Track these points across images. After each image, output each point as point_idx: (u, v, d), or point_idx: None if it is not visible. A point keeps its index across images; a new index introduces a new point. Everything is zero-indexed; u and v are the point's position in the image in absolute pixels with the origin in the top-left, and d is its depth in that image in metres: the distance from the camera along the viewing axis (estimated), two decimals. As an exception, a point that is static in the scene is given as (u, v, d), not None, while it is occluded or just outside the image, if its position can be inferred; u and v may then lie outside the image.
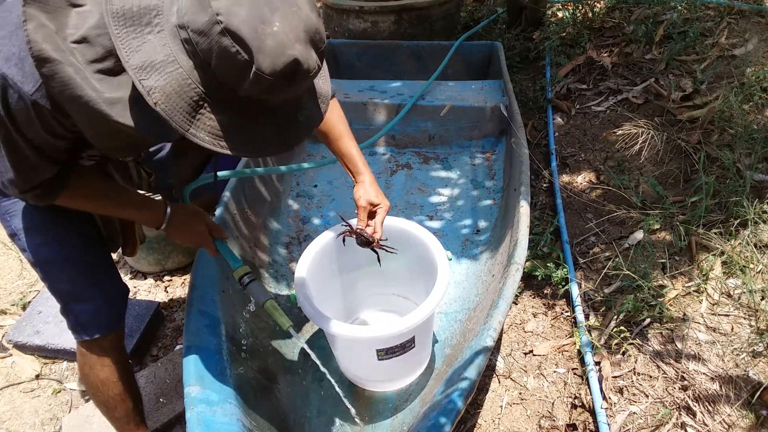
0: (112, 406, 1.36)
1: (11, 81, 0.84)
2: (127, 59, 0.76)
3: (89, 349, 1.29)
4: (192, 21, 0.73)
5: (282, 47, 0.74)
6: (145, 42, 0.76)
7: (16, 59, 0.84)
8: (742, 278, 1.72)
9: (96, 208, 1.23)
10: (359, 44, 3.15)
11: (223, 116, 0.80)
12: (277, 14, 0.74)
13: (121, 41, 0.76)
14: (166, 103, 0.76)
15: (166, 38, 0.76)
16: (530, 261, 1.98)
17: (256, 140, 0.84)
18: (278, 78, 0.75)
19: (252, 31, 0.72)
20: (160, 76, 0.76)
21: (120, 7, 0.76)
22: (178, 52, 0.76)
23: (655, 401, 1.51)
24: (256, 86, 0.76)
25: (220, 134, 0.80)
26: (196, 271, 1.54)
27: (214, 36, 0.72)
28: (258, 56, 0.73)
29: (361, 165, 1.40)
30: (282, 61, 0.74)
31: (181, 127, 0.78)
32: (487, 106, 2.48)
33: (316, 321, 1.34)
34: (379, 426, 1.51)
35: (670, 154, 2.32)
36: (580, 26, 3.37)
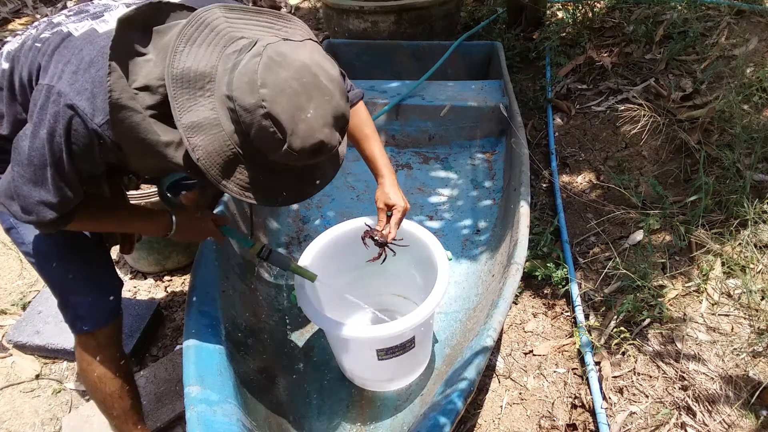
0: (110, 403, 1.36)
1: (81, 112, 0.94)
2: (179, 118, 0.89)
3: (87, 344, 1.30)
4: (240, 98, 0.86)
5: (312, 131, 0.88)
6: (196, 104, 0.90)
7: (88, 94, 0.94)
8: (742, 278, 1.72)
9: (105, 227, 1.30)
10: (359, 44, 3.15)
11: (251, 173, 0.94)
12: (312, 103, 0.88)
13: (176, 101, 0.89)
14: (206, 159, 0.90)
15: (214, 103, 0.90)
16: (530, 261, 1.98)
17: (277, 194, 0.99)
18: (304, 154, 0.90)
19: (289, 117, 0.86)
20: (205, 136, 0.90)
21: (180, 71, 0.89)
22: (223, 117, 0.89)
23: (655, 401, 1.51)
24: (285, 158, 0.90)
25: (248, 187, 0.95)
26: (196, 271, 1.54)
27: (257, 116, 0.86)
28: (291, 138, 0.87)
29: (382, 166, 1.44)
30: (310, 143, 0.89)
31: (215, 179, 0.92)
32: (487, 106, 2.48)
33: (316, 321, 1.34)
34: (379, 426, 1.51)
35: (670, 154, 2.32)
36: (580, 26, 3.37)
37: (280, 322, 1.81)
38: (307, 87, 0.87)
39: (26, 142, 0.96)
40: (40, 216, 1.02)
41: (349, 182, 2.44)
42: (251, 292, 1.78)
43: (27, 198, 1.00)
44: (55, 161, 0.96)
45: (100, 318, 1.29)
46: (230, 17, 0.95)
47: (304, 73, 0.87)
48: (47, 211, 1.01)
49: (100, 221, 1.22)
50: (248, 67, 0.86)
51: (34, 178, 0.98)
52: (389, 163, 1.46)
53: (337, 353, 1.56)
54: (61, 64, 0.96)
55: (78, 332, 1.29)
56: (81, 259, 1.27)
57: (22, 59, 1.04)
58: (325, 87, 0.90)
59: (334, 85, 0.92)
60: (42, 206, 1.01)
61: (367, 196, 2.36)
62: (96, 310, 1.28)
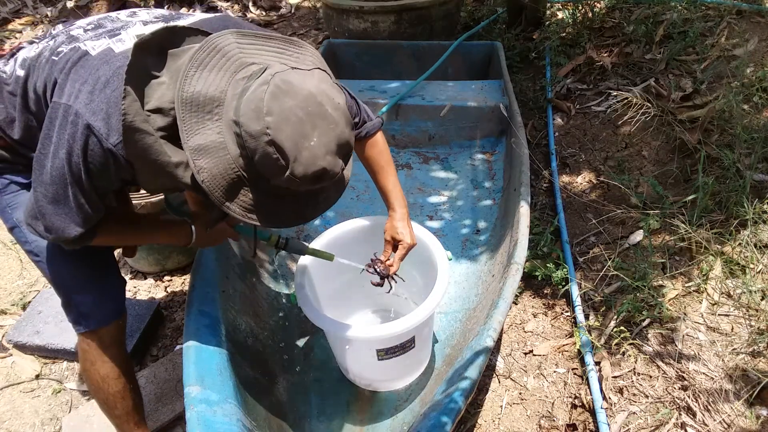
0: (112, 403, 1.36)
1: (96, 132, 0.96)
2: (186, 140, 0.92)
3: (90, 343, 1.30)
4: (246, 124, 0.88)
5: (315, 159, 0.90)
6: (203, 127, 0.92)
7: (103, 114, 0.96)
8: (742, 278, 1.72)
9: (128, 241, 1.35)
10: (359, 44, 3.15)
11: (254, 196, 0.96)
12: (317, 131, 0.90)
13: (184, 124, 0.92)
14: (210, 182, 0.93)
15: (222, 127, 0.92)
16: (530, 261, 1.98)
17: (280, 216, 1.01)
18: (306, 180, 0.92)
19: (293, 145, 0.88)
20: (210, 159, 0.92)
21: (190, 95, 0.92)
22: (229, 141, 0.92)
23: (655, 401, 1.51)
24: (287, 183, 0.92)
25: (251, 209, 0.97)
26: (196, 271, 1.54)
27: (261, 142, 0.88)
28: (293, 165, 0.89)
29: (393, 200, 1.47)
30: (312, 170, 0.91)
31: (218, 201, 0.95)
32: (487, 106, 2.48)
33: (316, 321, 1.34)
34: (379, 426, 1.51)
35: (670, 154, 2.32)
36: (580, 26, 3.37)
37: (280, 322, 1.81)
38: (312, 116, 0.90)
39: (47, 161, 0.99)
40: (65, 234, 1.05)
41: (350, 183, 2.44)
42: (251, 292, 1.78)
43: (50, 217, 1.03)
44: (75, 180, 0.99)
45: (104, 317, 1.30)
46: (242, 43, 0.96)
47: (309, 102, 0.90)
48: (70, 228, 1.04)
49: (123, 236, 1.27)
50: (255, 94, 0.88)
51: (56, 197, 1.01)
52: (403, 196, 1.49)
53: (337, 353, 1.56)
54: (78, 83, 0.99)
55: (81, 331, 1.29)
56: (85, 258, 1.27)
57: (38, 70, 1.07)
58: (329, 116, 0.92)
59: (339, 114, 0.94)
60: (65, 224, 1.04)
61: (367, 196, 2.36)
62: (100, 309, 1.29)
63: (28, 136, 1.11)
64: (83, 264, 1.27)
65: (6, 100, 1.11)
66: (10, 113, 1.12)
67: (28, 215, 1.07)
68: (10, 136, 1.13)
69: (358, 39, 3.24)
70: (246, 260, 1.85)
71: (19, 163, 1.19)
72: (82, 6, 4.73)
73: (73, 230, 1.05)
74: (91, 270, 1.28)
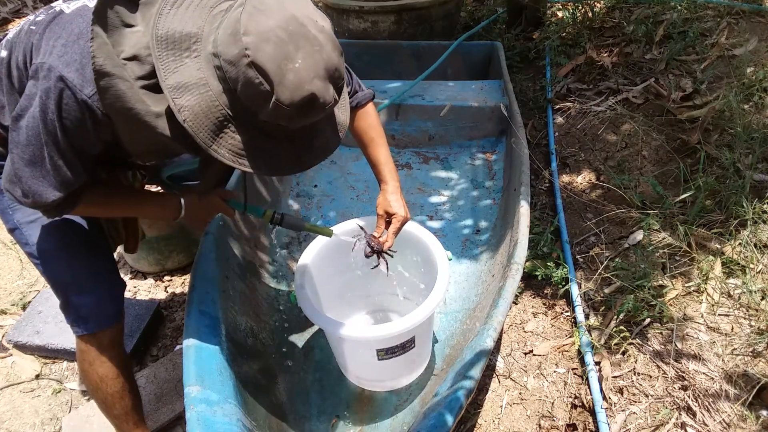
0: (111, 403, 1.36)
1: (70, 83, 0.91)
2: (164, 79, 0.86)
3: (89, 345, 1.30)
4: (224, 52, 0.83)
5: (301, 82, 0.83)
6: (182, 65, 0.86)
7: (77, 65, 0.92)
8: (742, 278, 1.72)
9: (113, 212, 1.29)
10: (359, 44, 3.15)
11: (244, 137, 0.89)
12: (301, 52, 0.83)
13: (161, 62, 0.86)
14: (193, 121, 0.86)
15: (201, 63, 0.86)
16: (530, 261, 1.98)
17: (274, 161, 0.94)
18: (295, 109, 0.84)
19: (276, 67, 0.81)
20: (192, 96, 0.86)
21: (164, 32, 0.86)
22: (210, 77, 0.86)
23: (655, 401, 1.51)
24: (275, 114, 0.85)
25: (242, 153, 0.90)
26: (196, 271, 1.54)
27: (241, 67, 0.81)
28: (278, 88, 0.82)
29: (386, 173, 1.42)
30: (300, 95, 0.83)
31: (204, 143, 0.87)
32: (487, 106, 2.48)
33: (316, 321, 1.34)
34: (379, 426, 1.51)
35: (670, 154, 2.32)
36: (580, 26, 3.37)
37: (280, 322, 1.81)
38: (295, 36, 0.83)
39: (23, 121, 0.95)
40: (42, 198, 1.00)
41: (349, 182, 2.44)
42: (251, 292, 1.78)
43: (27, 180, 0.98)
44: (51, 139, 0.95)
45: (103, 319, 1.29)
46: None
47: (290, 22, 0.83)
48: (48, 192, 0.99)
49: (109, 207, 1.21)
50: (232, 17, 0.83)
51: (32, 159, 0.96)
52: (394, 169, 1.43)
53: (337, 353, 1.56)
54: (52, 40, 0.95)
55: (80, 334, 1.29)
56: (85, 261, 1.27)
57: (19, 45, 1.03)
58: (314, 37, 0.85)
59: (325, 37, 0.87)
60: (42, 188, 0.99)
61: (367, 196, 2.36)
62: (99, 312, 1.28)
63: None
64: (83, 267, 1.26)
65: None
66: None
67: (5, 180, 1.02)
68: (2, 123, 1.10)
69: (358, 39, 3.24)
70: (246, 260, 1.85)
71: None
72: (82, 6, 4.72)
73: (50, 194, 0.99)
74: (91, 273, 1.28)
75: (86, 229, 1.28)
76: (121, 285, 1.36)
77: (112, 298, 1.32)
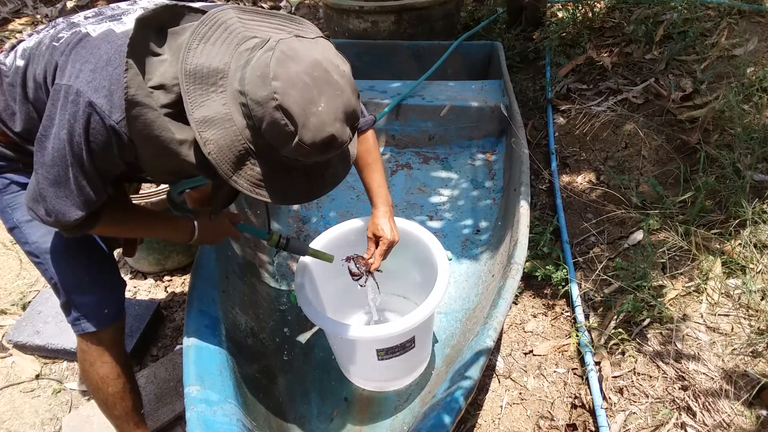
0: (112, 403, 1.36)
1: (99, 109, 0.94)
2: (191, 112, 0.90)
3: (90, 345, 1.30)
4: (252, 92, 0.87)
5: (323, 125, 0.89)
6: (208, 99, 0.91)
7: (106, 92, 0.94)
8: (742, 278, 1.72)
9: (129, 233, 1.33)
10: (359, 44, 3.15)
11: (263, 170, 0.94)
12: (324, 96, 0.89)
13: (189, 96, 0.90)
14: (217, 154, 0.91)
15: (227, 98, 0.91)
16: (530, 261, 1.98)
17: (289, 192, 0.99)
18: (315, 148, 0.90)
19: (301, 110, 0.87)
20: (217, 130, 0.90)
21: (193, 67, 0.90)
22: (235, 112, 0.90)
23: (655, 401, 1.51)
24: (296, 152, 0.90)
25: (260, 184, 0.95)
26: (196, 271, 1.54)
27: (269, 108, 0.86)
28: (302, 130, 0.87)
29: (378, 197, 1.47)
30: (321, 136, 0.89)
31: (226, 174, 0.93)
32: (487, 106, 2.48)
33: (316, 321, 1.34)
34: (379, 426, 1.51)
35: (670, 154, 2.32)
36: (580, 26, 3.37)
37: (280, 322, 1.81)
38: (319, 81, 0.88)
39: (48, 143, 0.98)
40: (65, 217, 1.03)
41: (349, 182, 2.44)
42: (251, 292, 1.79)
43: (51, 199, 1.01)
44: (76, 161, 0.97)
45: (104, 319, 1.29)
46: (243, 18, 0.96)
47: (315, 68, 0.88)
48: (71, 211, 1.02)
49: (125, 226, 1.25)
50: (261, 61, 0.87)
51: (57, 179, 0.99)
52: (388, 194, 1.49)
53: (337, 353, 1.56)
54: (79, 63, 0.97)
55: (81, 333, 1.29)
56: (85, 259, 1.27)
57: (38, 58, 1.05)
58: (336, 82, 0.90)
59: (345, 81, 0.92)
60: (65, 207, 1.02)
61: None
62: (100, 311, 1.28)
63: (29, 128, 1.09)
64: (84, 265, 1.27)
65: (6, 92, 1.10)
66: (10, 105, 1.10)
67: (29, 198, 1.05)
68: (12, 129, 1.12)
69: (358, 39, 3.24)
70: (246, 260, 1.85)
71: (20, 161, 1.18)
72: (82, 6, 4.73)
73: (73, 213, 1.02)
74: (92, 271, 1.28)
75: None
76: (122, 284, 1.36)
77: (113, 297, 1.32)
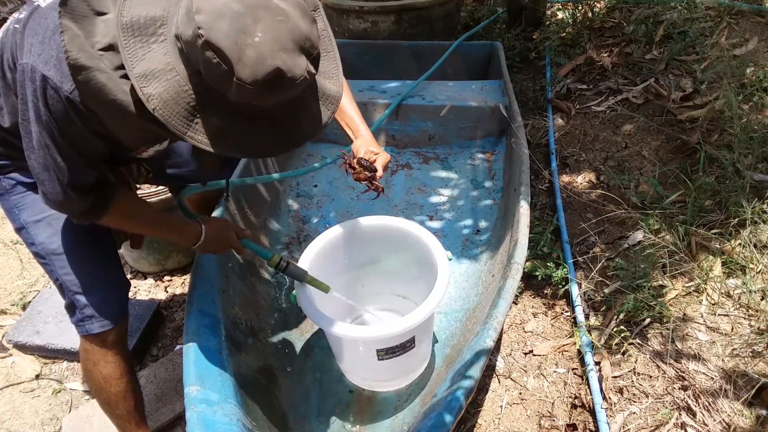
0: (114, 403, 1.36)
1: (52, 82, 0.89)
2: (131, 68, 0.81)
3: (93, 345, 1.30)
4: (182, 33, 0.78)
5: (262, 57, 0.76)
6: (150, 51, 0.81)
7: (55, 61, 0.89)
8: (742, 278, 1.72)
9: (137, 227, 1.30)
10: (359, 44, 3.15)
11: (219, 121, 0.84)
12: (261, 25, 0.77)
13: (127, 51, 0.81)
14: (163, 109, 0.81)
15: (167, 47, 0.82)
16: (530, 261, 1.98)
17: (254, 142, 0.88)
18: (260, 87, 0.77)
19: (232, 44, 0.75)
20: (159, 84, 0.81)
21: (129, 19, 0.81)
22: (177, 61, 0.81)
23: (655, 401, 1.51)
24: (241, 94, 0.79)
25: (218, 137, 0.84)
26: (196, 271, 1.54)
27: (197, 48, 0.76)
28: (237, 67, 0.76)
29: (360, 123, 1.39)
30: (263, 71, 0.76)
31: (178, 131, 0.83)
32: (487, 106, 2.48)
33: (316, 321, 1.34)
34: (379, 426, 1.51)
35: (670, 154, 2.32)
36: (580, 26, 3.37)
37: (280, 322, 1.81)
38: (253, 8, 0.77)
39: (30, 126, 0.95)
40: (58, 200, 1.00)
41: (349, 182, 2.44)
42: (251, 292, 1.79)
43: (46, 183, 0.99)
44: (51, 141, 0.94)
45: (108, 319, 1.29)
46: None
47: None
48: (59, 194, 0.99)
49: (133, 220, 1.23)
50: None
51: (45, 163, 0.97)
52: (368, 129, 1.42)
53: (337, 353, 1.56)
54: (31, 37, 0.93)
55: (85, 333, 1.29)
56: (90, 261, 1.27)
57: (7, 45, 1.02)
58: (275, 6, 0.78)
59: (290, 4, 0.80)
60: (56, 189, 0.99)
61: (367, 195, 2.36)
62: (104, 312, 1.28)
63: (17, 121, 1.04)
64: (89, 267, 1.27)
65: None
66: None
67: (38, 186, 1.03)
68: (1, 125, 1.10)
69: (358, 39, 3.24)
70: (246, 260, 1.85)
71: (20, 158, 1.15)
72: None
73: (60, 195, 0.99)
74: (97, 273, 1.28)
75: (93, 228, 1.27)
76: (126, 285, 1.36)
77: (117, 298, 1.32)
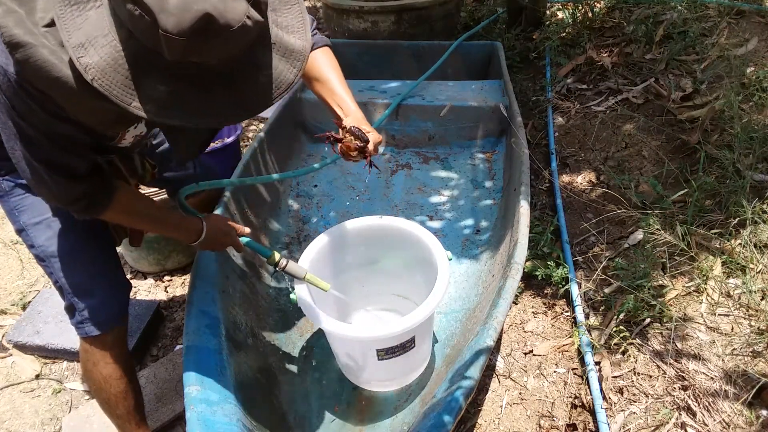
0: (114, 403, 1.36)
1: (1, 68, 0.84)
2: (68, 39, 0.74)
3: (93, 346, 1.30)
4: None
5: (187, 3, 0.67)
6: (86, 19, 0.74)
7: (2, 46, 0.82)
8: (742, 278, 1.72)
9: (139, 223, 1.29)
10: (359, 44, 3.15)
11: (164, 87, 0.76)
12: None
13: (63, 21, 0.74)
14: (102, 79, 0.74)
15: (103, 12, 0.75)
16: (530, 261, 1.98)
17: (207, 109, 0.79)
18: (190, 37, 0.69)
19: None
20: (95, 51, 0.74)
21: None
22: (112, 25, 0.74)
23: (655, 401, 1.51)
24: (172, 48, 0.70)
25: (167, 105, 0.77)
26: (196, 271, 1.54)
27: (120, 2, 0.70)
28: (160, 16, 0.67)
29: (351, 101, 1.31)
30: (189, 19, 0.68)
31: (122, 101, 0.75)
32: (487, 106, 2.48)
33: (316, 321, 1.34)
34: (379, 426, 1.51)
35: (670, 154, 2.32)
36: (580, 26, 3.37)
37: (280, 322, 1.81)
38: None
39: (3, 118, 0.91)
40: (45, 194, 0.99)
41: (349, 182, 2.44)
42: (251, 292, 1.79)
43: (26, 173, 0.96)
44: (18, 131, 0.91)
45: (108, 321, 1.29)
46: None
47: None
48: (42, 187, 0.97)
49: (135, 216, 1.21)
50: None
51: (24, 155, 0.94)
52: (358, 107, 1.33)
53: (337, 353, 1.56)
54: None
55: (85, 335, 1.29)
56: (90, 263, 1.27)
57: None
58: None
59: None
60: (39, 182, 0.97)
61: (367, 196, 2.36)
62: (104, 313, 1.28)
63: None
64: (89, 269, 1.27)
65: None
66: None
67: None
68: None
69: (358, 39, 3.24)
70: (246, 260, 1.85)
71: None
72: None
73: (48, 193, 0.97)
74: (97, 275, 1.28)
75: (93, 229, 1.28)
76: (126, 285, 1.36)
77: (117, 300, 1.32)
